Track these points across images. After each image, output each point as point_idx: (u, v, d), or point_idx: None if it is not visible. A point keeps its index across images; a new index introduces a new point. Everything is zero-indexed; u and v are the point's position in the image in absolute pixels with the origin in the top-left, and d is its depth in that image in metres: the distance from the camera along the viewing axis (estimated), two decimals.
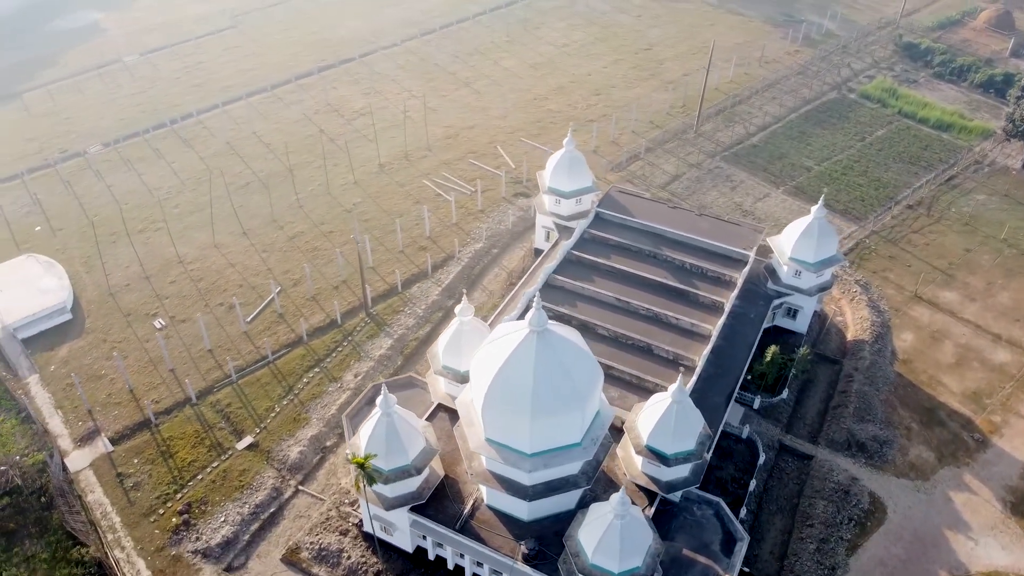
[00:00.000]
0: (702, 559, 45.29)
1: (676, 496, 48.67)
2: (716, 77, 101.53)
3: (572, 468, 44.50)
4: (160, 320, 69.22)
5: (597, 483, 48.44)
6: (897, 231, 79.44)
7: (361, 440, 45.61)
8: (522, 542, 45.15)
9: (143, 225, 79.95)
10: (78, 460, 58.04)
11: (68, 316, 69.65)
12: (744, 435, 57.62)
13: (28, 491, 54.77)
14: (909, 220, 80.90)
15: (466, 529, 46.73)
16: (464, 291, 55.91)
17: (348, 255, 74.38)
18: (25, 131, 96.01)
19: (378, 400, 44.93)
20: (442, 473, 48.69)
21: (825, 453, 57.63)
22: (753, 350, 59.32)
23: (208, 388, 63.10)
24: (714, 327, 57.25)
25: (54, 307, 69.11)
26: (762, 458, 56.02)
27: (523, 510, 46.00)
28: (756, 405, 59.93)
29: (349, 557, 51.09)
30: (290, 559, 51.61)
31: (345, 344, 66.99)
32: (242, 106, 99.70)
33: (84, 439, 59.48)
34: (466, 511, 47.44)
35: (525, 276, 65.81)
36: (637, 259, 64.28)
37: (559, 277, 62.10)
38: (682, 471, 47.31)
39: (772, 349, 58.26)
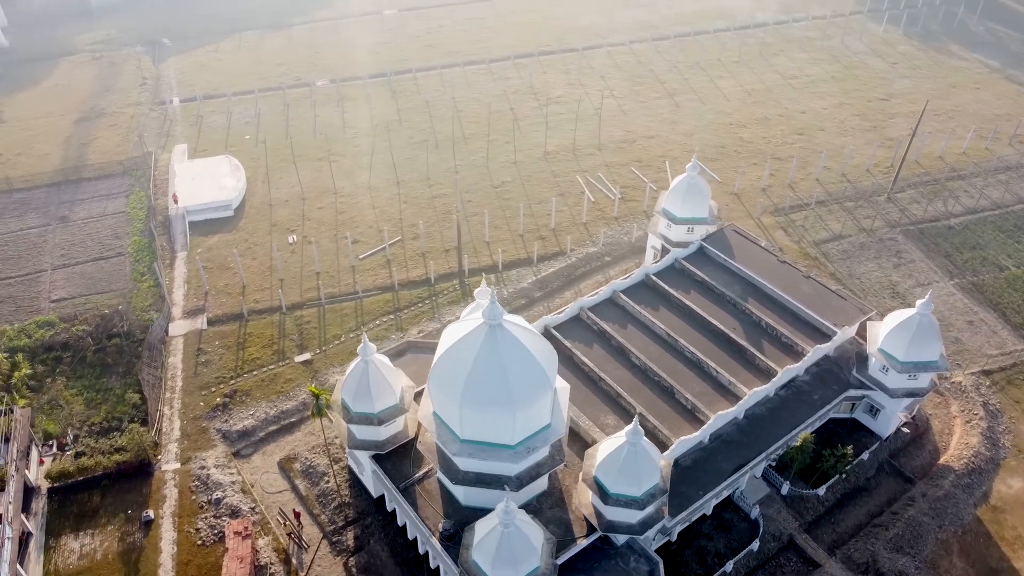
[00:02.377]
0: None
1: (618, 539, 46.38)
2: (944, 144, 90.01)
3: (505, 468, 44.27)
4: (293, 236, 78.05)
5: (548, 497, 47.76)
6: None
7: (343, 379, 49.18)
8: (442, 521, 46.09)
9: (323, 155, 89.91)
10: (178, 328, 68.21)
11: (230, 213, 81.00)
12: (752, 515, 52.71)
13: (132, 339, 65.75)
14: None
15: (407, 492, 48.53)
16: (485, 275, 56.71)
17: (473, 225, 78.00)
18: (281, 57, 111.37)
19: (359, 348, 48.05)
20: (411, 435, 50.66)
21: (835, 568, 50.79)
22: (800, 432, 53.54)
23: (300, 303, 70.43)
24: (749, 391, 52.63)
25: (221, 203, 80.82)
26: (755, 545, 50.94)
27: (460, 492, 46.77)
28: (784, 491, 54.27)
29: (328, 482, 55.24)
30: (284, 465, 56.98)
31: (427, 302, 70.85)
32: (456, 72, 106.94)
33: (191, 313, 69.67)
34: (417, 475, 49.17)
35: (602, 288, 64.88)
36: (714, 302, 60.48)
37: (624, 296, 60.48)
38: (627, 515, 44.89)
39: (805, 435, 52.16)
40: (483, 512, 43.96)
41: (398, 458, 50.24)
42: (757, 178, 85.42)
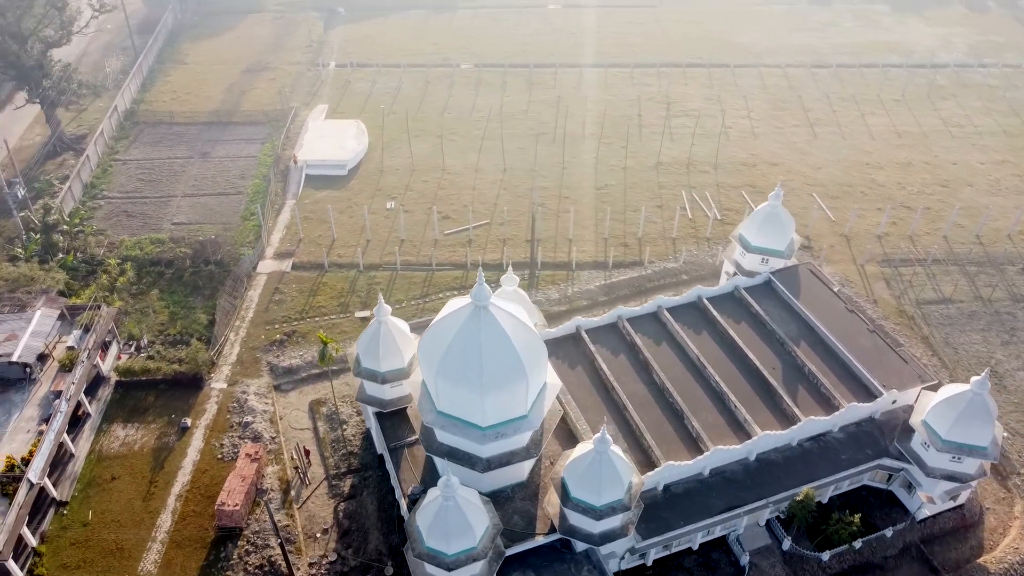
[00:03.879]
0: None
1: (578, 546, 45.95)
2: None
3: (475, 448, 45.12)
4: (392, 203, 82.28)
5: (524, 489, 48.10)
6: None
7: None
8: (413, 486, 47.71)
9: (443, 132, 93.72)
10: (265, 267, 74.26)
11: (343, 173, 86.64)
12: (742, 561, 50.17)
13: (223, 268, 72.41)
14: None
15: (395, 452, 50.62)
16: (511, 263, 57.04)
17: (561, 221, 78.75)
18: (437, 37, 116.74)
19: (375, 308, 50.59)
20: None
21: None
22: (814, 488, 50.14)
23: (377, 265, 74.32)
24: (760, 432, 49.91)
25: (337, 162, 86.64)
26: None
27: (438, 464, 48.18)
28: (785, 546, 51.05)
29: (345, 430, 58.59)
30: (313, 407, 60.91)
31: (492, 286, 72.28)
32: (597, 72, 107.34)
33: (280, 255, 75.58)
34: (408, 439, 51.07)
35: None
36: (762, 338, 57.58)
37: (667, 313, 58.99)
38: (585, 523, 44.40)
39: (808, 491, 48.63)
40: None
41: (399, 420, 52.33)
42: (875, 224, 79.59)
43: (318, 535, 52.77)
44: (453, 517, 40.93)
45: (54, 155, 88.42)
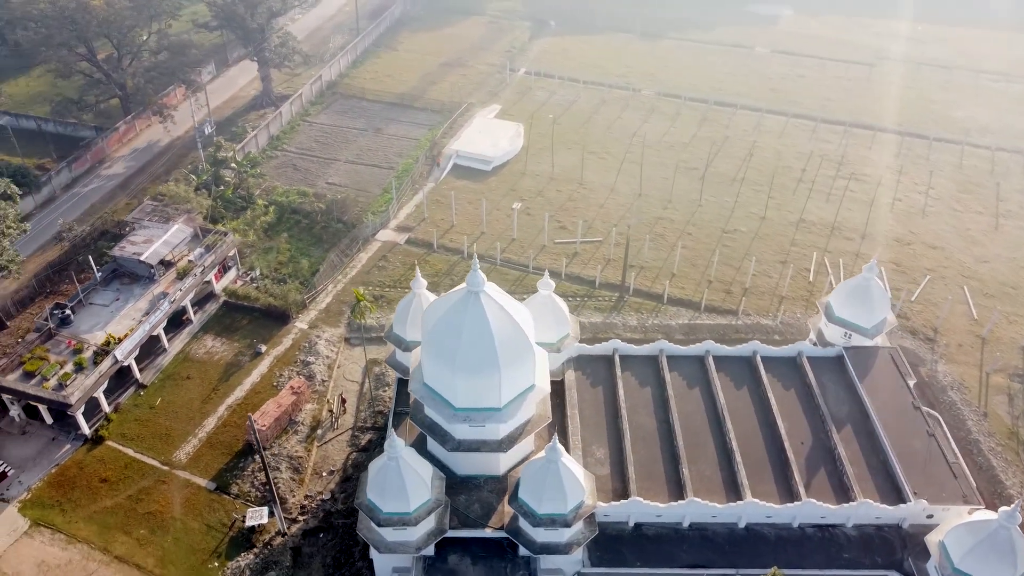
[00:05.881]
0: None
1: (523, 551, 46.21)
2: None
3: (447, 426, 46.86)
4: (519, 204, 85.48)
5: (496, 483, 49.11)
6: None
7: None
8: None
9: (598, 149, 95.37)
10: (383, 235, 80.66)
11: (487, 169, 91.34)
12: None
13: (347, 228, 79.76)
14: None
15: (398, 417, 53.83)
16: (547, 271, 57.18)
17: (671, 254, 77.85)
18: (631, 60, 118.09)
19: (412, 284, 54.21)
20: None
21: None
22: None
23: (479, 255, 77.95)
24: (747, 499, 46.82)
25: (485, 158, 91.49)
26: None
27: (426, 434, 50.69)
28: None
29: (386, 392, 62.72)
30: (368, 365, 65.52)
31: (578, 299, 73.28)
32: (777, 120, 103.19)
33: (400, 229, 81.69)
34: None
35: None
36: (804, 410, 53.56)
37: (711, 358, 56.80)
38: (527, 527, 44.65)
39: (774, 570, 44.48)
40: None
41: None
42: (1016, 337, 70.05)
43: (324, 474, 57.40)
44: (392, 477, 43.31)
45: (259, 107, 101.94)
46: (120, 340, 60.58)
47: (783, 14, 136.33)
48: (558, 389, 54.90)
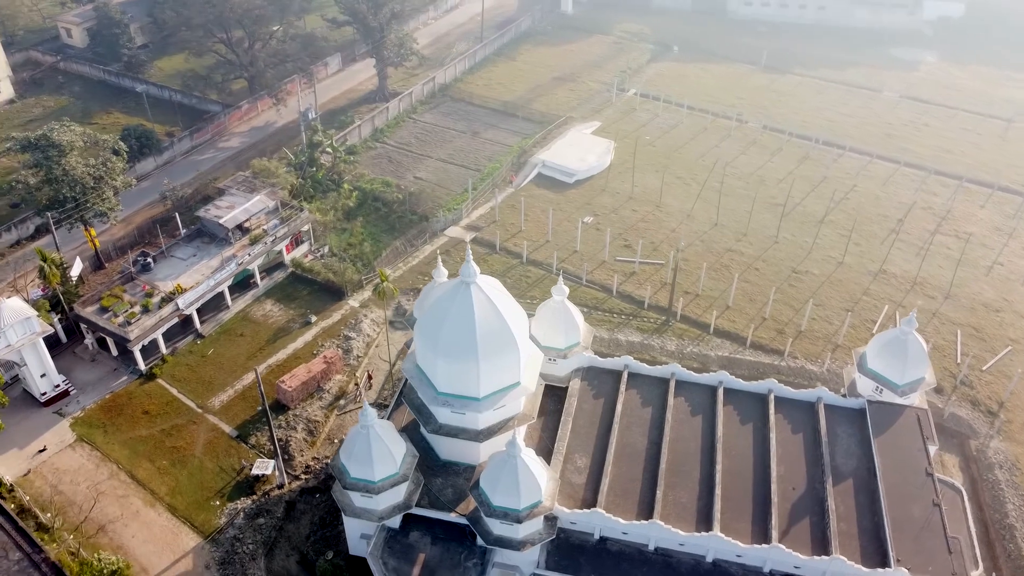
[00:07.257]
0: None
1: (480, 541, 47.37)
2: None
3: (430, 407, 48.86)
4: (590, 218, 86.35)
5: (474, 470, 50.55)
6: None
7: None
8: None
9: (684, 175, 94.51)
10: (452, 232, 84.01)
11: (570, 181, 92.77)
12: None
13: (420, 220, 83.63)
14: None
15: (403, 394, 56.42)
16: (562, 272, 57.34)
17: (728, 288, 76.38)
18: (747, 91, 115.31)
19: (433, 272, 56.69)
20: None
21: None
22: None
23: (537, 262, 79.21)
24: (713, 533, 45.64)
25: (569, 170, 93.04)
26: None
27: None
28: None
29: None
30: (404, 348, 68.81)
31: (624, 317, 73.36)
32: (885, 167, 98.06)
33: (470, 228, 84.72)
34: None
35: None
36: (807, 457, 51.42)
37: (722, 389, 55.55)
38: (483, 516, 45.97)
39: None
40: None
41: None
42: None
43: (336, 441, 60.88)
44: (360, 444, 45.85)
45: (371, 102, 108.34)
46: (185, 291, 66.86)
47: (925, 60, 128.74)
48: (561, 395, 55.67)
